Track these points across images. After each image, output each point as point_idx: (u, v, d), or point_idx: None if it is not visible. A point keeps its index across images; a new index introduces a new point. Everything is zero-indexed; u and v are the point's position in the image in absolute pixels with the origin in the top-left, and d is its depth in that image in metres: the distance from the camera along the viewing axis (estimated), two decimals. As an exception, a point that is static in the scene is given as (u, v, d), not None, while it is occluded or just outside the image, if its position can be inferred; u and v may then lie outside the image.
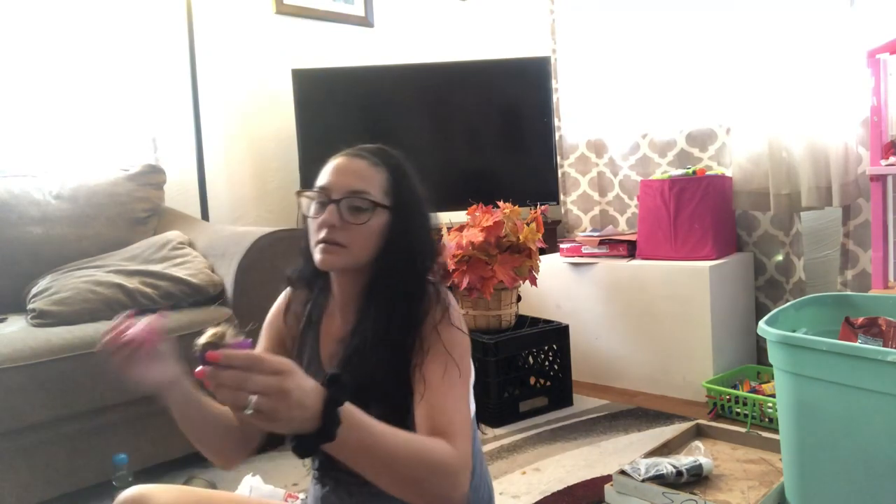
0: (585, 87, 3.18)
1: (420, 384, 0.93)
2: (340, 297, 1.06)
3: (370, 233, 0.99)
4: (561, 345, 2.46)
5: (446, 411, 0.90)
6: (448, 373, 0.93)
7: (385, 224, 1.00)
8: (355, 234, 0.97)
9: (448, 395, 0.92)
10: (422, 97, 2.97)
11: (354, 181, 0.99)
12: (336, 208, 0.97)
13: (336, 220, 0.97)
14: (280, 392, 0.66)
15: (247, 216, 2.92)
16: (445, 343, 0.95)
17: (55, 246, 2.11)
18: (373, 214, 0.98)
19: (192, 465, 1.94)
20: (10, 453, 1.63)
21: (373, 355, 0.97)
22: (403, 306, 0.99)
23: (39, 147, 2.37)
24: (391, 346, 0.97)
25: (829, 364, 1.32)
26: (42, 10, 2.35)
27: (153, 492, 0.98)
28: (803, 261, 2.55)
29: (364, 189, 0.98)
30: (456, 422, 0.89)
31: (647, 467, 1.65)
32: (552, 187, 3.04)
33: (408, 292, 1.00)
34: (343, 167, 1.01)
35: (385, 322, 0.98)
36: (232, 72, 2.84)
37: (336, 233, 0.97)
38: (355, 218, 0.98)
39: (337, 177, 1.00)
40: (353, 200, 0.98)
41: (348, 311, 1.05)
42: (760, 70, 2.50)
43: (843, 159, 2.31)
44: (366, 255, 1.00)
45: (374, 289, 1.01)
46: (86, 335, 1.73)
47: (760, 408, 2.12)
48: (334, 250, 0.97)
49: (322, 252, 0.98)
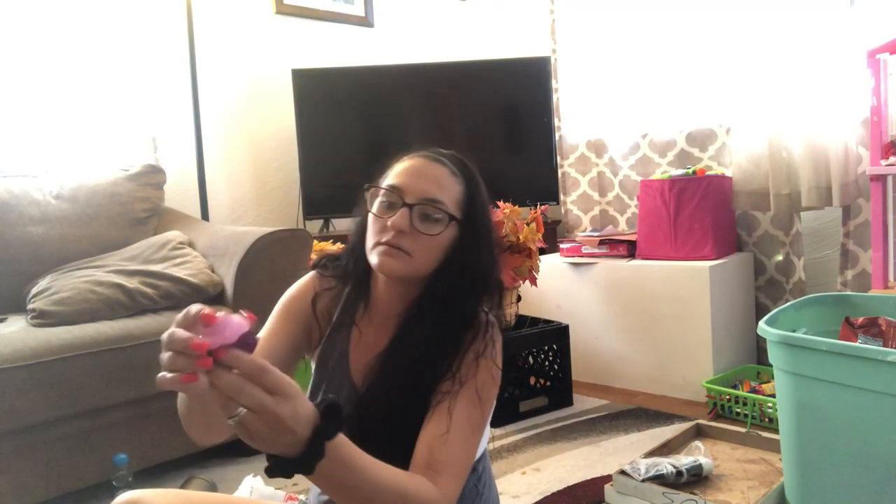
0: (585, 87, 3.18)
1: (441, 411, 0.88)
2: (383, 305, 1.00)
3: (438, 245, 0.93)
4: (561, 345, 2.45)
5: (453, 451, 0.85)
6: (472, 415, 0.89)
7: (453, 239, 0.95)
8: (422, 243, 0.92)
9: (463, 437, 0.87)
10: (422, 97, 2.97)
11: (432, 188, 0.93)
12: (408, 213, 0.91)
13: (406, 226, 0.91)
14: (272, 415, 0.61)
15: (247, 216, 2.92)
16: (480, 382, 0.91)
17: (55, 246, 2.11)
18: (445, 227, 0.93)
19: (191, 465, 1.95)
20: (10, 453, 1.63)
21: (405, 375, 0.92)
22: (451, 331, 0.94)
23: (39, 147, 2.37)
24: (426, 368, 0.92)
25: (829, 364, 1.32)
26: (42, 10, 2.35)
27: (149, 497, 0.93)
28: (803, 261, 2.55)
29: (440, 199, 0.93)
30: (455, 464, 0.85)
31: (647, 467, 1.65)
32: (552, 187, 3.05)
33: (459, 316, 0.95)
34: (422, 170, 0.95)
35: (428, 344, 0.93)
36: (232, 72, 2.84)
37: (403, 238, 0.91)
38: (426, 227, 0.92)
39: (413, 179, 0.94)
40: (427, 208, 0.92)
41: (388, 322, 0.99)
42: (760, 70, 2.50)
43: (843, 159, 2.31)
44: (427, 268, 0.94)
45: (424, 305, 0.96)
46: (86, 335, 1.73)
47: (760, 408, 2.11)
48: (398, 255, 0.91)
49: (383, 254, 0.92)
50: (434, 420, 0.88)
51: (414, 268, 0.93)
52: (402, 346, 0.95)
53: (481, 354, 0.93)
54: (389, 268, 0.92)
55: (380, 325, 1.00)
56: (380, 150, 3.27)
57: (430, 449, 0.85)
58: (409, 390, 0.91)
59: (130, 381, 1.77)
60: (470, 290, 0.95)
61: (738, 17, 2.56)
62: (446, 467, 0.83)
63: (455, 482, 0.84)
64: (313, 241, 2.17)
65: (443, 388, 0.90)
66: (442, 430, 0.86)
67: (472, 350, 0.93)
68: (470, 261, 0.95)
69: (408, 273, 0.93)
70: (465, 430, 0.87)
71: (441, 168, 0.95)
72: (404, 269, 0.92)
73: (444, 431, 0.86)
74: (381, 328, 0.99)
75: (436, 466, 0.83)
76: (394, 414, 0.90)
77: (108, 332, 1.76)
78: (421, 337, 0.94)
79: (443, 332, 0.94)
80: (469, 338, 0.94)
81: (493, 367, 0.93)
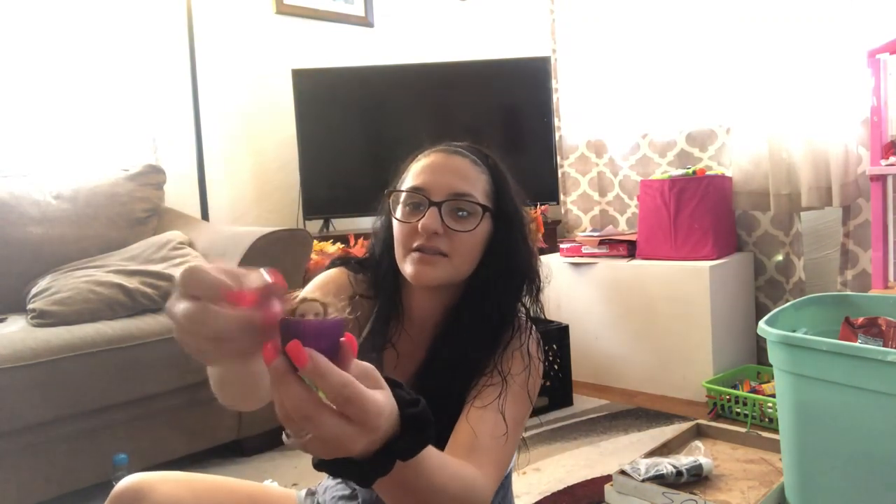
0: (585, 87, 3.18)
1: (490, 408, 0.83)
2: (418, 315, 0.94)
3: (475, 242, 0.87)
4: (561, 345, 2.45)
5: (487, 434, 0.80)
6: (520, 412, 0.85)
7: (488, 233, 0.89)
8: (459, 242, 0.85)
9: (500, 423, 0.82)
10: (422, 97, 2.97)
11: (458, 182, 0.86)
12: (437, 212, 0.84)
13: (438, 226, 0.84)
14: (341, 447, 0.50)
15: (247, 216, 2.91)
16: (530, 381, 0.88)
17: (55, 246, 2.11)
18: (480, 221, 0.86)
19: (192, 465, 1.95)
20: (10, 453, 1.63)
21: (447, 386, 0.87)
22: (489, 330, 0.88)
23: (40, 147, 2.37)
24: (465, 369, 0.87)
25: (829, 364, 1.32)
26: (42, 11, 2.35)
27: (153, 482, 0.87)
28: (803, 261, 2.55)
29: (469, 191, 0.86)
30: (493, 450, 0.80)
31: (647, 467, 1.65)
32: (552, 187, 3.04)
33: (498, 313, 0.89)
34: (443, 165, 0.88)
35: (465, 347, 0.87)
36: (232, 72, 2.84)
37: (437, 240, 0.84)
38: (460, 224, 0.85)
39: (436, 176, 0.87)
40: (457, 204, 0.86)
41: (424, 332, 0.93)
42: (760, 70, 2.50)
43: (843, 159, 2.31)
44: (467, 268, 0.88)
45: (462, 310, 0.90)
46: (86, 335, 1.73)
47: (760, 408, 2.11)
48: (434, 261, 0.85)
49: (419, 262, 0.85)
50: (481, 411, 0.82)
51: (454, 270, 0.87)
52: (442, 359, 0.90)
53: (527, 352, 0.89)
54: (427, 277, 0.86)
55: (416, 335, 0.94)
56: (380, 150, 3.27)
57: (471, 441, 0.79)
58: (449, 399, 0.86)
59: (130, 381, 1.77)
60: (509, 284, 0.90)
61: (737, 17, 2.56)
62: (489, 459, 0.79)
63: (497, 475, 0.79)
64: (313, 241, 2.17)
65: (484, 381, 0.85)
66: (492, 425, 0.81)
67: (514, 347, 0.88)
68: (507, 253, 0.89)
69: (447, 278, 0.87)
70: (511, 424, 0.83)
71: (462, 160, 0.89)
72: (443, 275, 0.86)
73: (495, 425, 0.81)
74: (418, 338, 0.94)
75: (477, 454, 0.78)
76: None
77: (108, 332, 1.76)
78: (459, 345, 0.88)
79: (481, 333, 0.88)
80: (508, 336, 0.89)
81: (538, 364, 0.90)
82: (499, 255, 0.89)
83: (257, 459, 2.01)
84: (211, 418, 1.96)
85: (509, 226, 0.90)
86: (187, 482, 0.90)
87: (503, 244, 0.89)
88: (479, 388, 0.86)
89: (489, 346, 0.89)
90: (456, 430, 0.82)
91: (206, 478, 0.95)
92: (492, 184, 0.90)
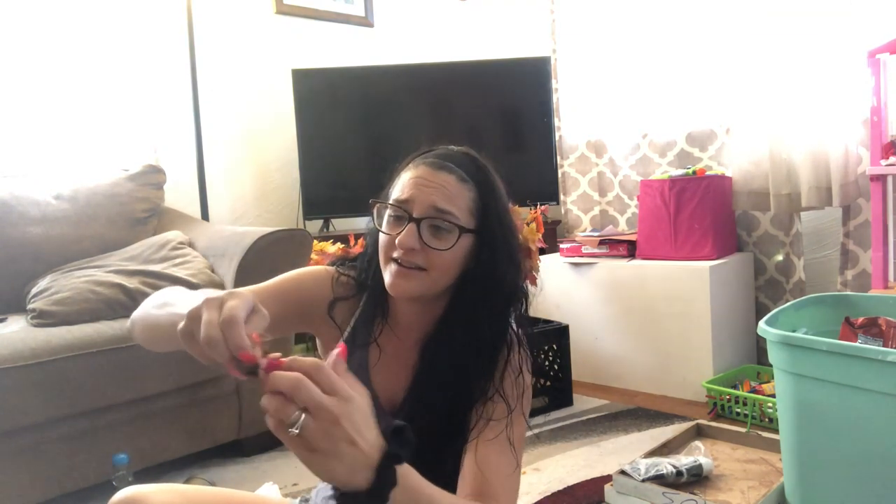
0: (585, 87, 3.18)
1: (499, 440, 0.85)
2: (404, 318, 0.96)
3: (454, 258, 0.89)
4: (561, 345, 2.45)
5: (500, 473, 0.83)
6: (521, 436, 0.87)
7: (469, 249, 0.90)
8: (436, 257, 0.88)
9: (510, 457, 0.85)
10: (422, 97, 2.97)
11: (439, 198, 0.88)
12: (416, 228, 0.87)
13: (415, 243, 0.86)
14: (329, 416, 0.55)
15: (247, 216, 2.91)
16: (525, 402, 0.89)
17: (55, 246, 2.10)
18: (457, 240, 0.88)
19: (191, 465, 1.95)
20: (10, 453, 1.63)
21: (439, 404, 0.89)
22: (482, 350, 0.90)
23: (40, 147, 2.37)
24: (460, 393, 0.89)
25: (829, 364, 1.32)
26: (42, 11, 2.35)
27: (148, 493, 0.89)
28: (803, 261, 2.55)
29: (449, 209, 0.88)
30: (507, 489, 0.83)
31: (647, 467, 1.65)
32: (552, 187, 3.04)
33: (487, 332, 0.90)
34: (427, 180, 0.89)
35: (458, 368, 0.89)
36: (232, 72, 2.84)
37: (415, 255, 0.87)
38: (437, 242, 0.87)
39: (419, 191, 0.88)
40: (435, 221, 0.88)
41: (411, 334, 0.96)
42: (760, 70, 2.50)
43: (843, 159, 2.31)
44: (445, 283, 0.90)
45: (450, 323, 0.92)
46: (86, 335, 1.73)
47: (760, 408, 2.11)
48: (410, 274, 0.87)
49: (395, 276, 0.88)
50: (489, 446, 0.84)
51: (432, 283, 0.89)
52: (432, 374, 0.91)
53: (520, 372, 0.90)
54: (403, 289, 0.88)
55: (402, 338, 0.96)
56: (380, 151, 3.27)
57: (475, 474, 0.82)
58: (443, 419, 0.89)
59: (130, 381, 1.77)
60: (494, 300, 0.91)
61: (737, 17, 2.56)
62: (498, 492, 0.81)
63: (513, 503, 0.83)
64: (313, 241, 2.17)
65: (488, 411, 0.87)
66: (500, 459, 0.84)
67: (509, 368, 0.90)
68: (490, 271, 0.90)
69: (424, 291, 0.90)
70: (509, 448, 0.86)
71: (447, 176, 0.90)
72: (419, 288, 0.89)
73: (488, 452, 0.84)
74: (405, 340, 0.96)
75: (486, 491, 0.81)
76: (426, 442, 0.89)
77: (108, 332, 1.76)
78: (449, 361, 0.90)
79: (474, 353, 0.90)
80: (502, 355, 0.91)
81: (529, 385, 0.92)
82: (482, 271, 0.91)
83: (257, 459, 2.01)
84: (211, 418, 1.96)
85: (493, 243, 0.91)
86: (182, 493, 0.92)
87: (486, 261, 0.91)
88: (481, 417, 0.87)
89: (483, 366, 0.90)
90: (468, 472, 0.84)
91: (201, 489, 0.97)
92: (477, 200, 0.91)
